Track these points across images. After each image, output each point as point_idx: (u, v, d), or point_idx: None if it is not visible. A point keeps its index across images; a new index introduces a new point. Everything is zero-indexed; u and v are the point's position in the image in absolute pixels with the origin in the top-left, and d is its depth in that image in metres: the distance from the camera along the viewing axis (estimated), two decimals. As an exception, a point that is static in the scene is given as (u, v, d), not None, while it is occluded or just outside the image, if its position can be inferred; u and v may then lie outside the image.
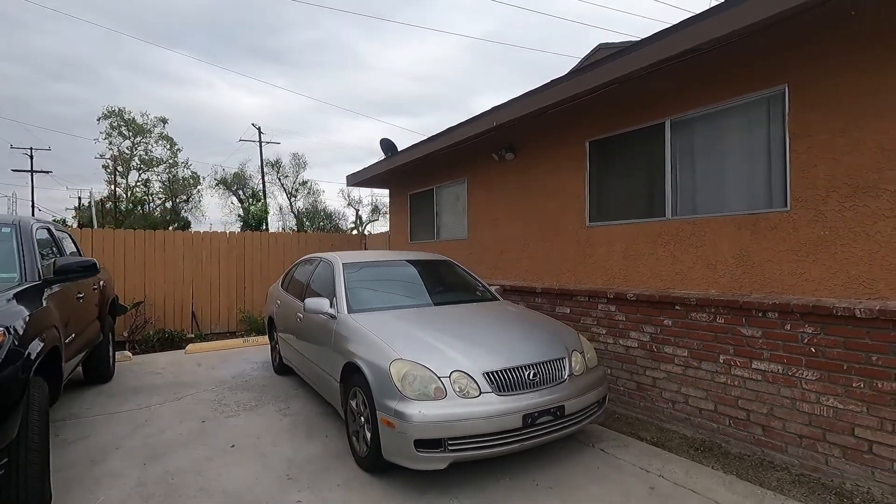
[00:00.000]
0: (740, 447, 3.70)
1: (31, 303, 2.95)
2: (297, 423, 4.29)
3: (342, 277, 4.38)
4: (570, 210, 5.41)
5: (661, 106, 4.42)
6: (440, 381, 3.01)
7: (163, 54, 55.24)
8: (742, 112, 3.89)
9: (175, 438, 3.97)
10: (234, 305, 9.19)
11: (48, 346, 2.89)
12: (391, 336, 3.44)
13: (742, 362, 3.70)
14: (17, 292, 2.87)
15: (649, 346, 4.38)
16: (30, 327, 2.72)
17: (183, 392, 5.25)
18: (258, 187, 40.33)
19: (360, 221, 45.52)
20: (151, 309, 8.37)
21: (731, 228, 3.93)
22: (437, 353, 3.21)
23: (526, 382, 3.18)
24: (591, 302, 4.96)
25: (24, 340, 2.57)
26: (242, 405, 4.77)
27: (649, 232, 4.56)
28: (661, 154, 4.46)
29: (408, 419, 2.89)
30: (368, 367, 3.25)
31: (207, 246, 9.00)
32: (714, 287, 4.04)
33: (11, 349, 2.43)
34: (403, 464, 2.98)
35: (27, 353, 2.57)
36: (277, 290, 6.03)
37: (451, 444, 2.92)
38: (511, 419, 3.01)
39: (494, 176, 6.58)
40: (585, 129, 5.21)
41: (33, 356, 2.63)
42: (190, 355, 7.18)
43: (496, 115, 5.48)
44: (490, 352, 3.30)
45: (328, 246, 10.25)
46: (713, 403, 3.89)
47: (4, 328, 2.46)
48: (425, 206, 8.32)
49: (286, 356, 5.50)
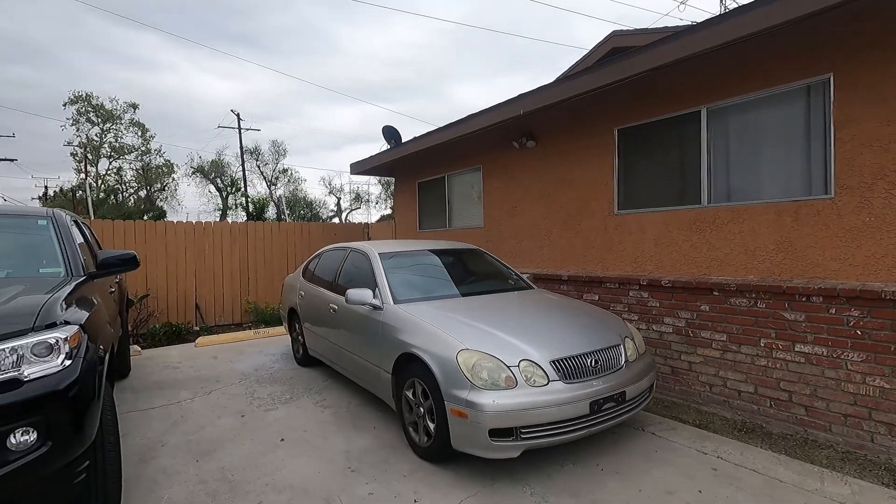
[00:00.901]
0: (782, 427, 3.83)
1: (86, 299, 2.83)
2: (339, 414, 4.25)
3: (381, 268, 4.33)
4: (597, 198, 5.45)
5: (698, 94, 4.46)
6: (510, 370, 3.02)
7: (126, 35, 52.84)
8: (783, 100, 3.95)
9: (218, 434, 3.89)
10: (239, 297, 9.00)
11: (109, 343, 2.78)
12: (448, 326, 3.42)
13: (784, 345, 3.81)
14: (72, 289, 2.73)
15: (685, 331, 4.47)
16: (96, 326, 2.61)
17: (209, 386, 5.14)
18: (237, 175, 39.41)
19: (340, 210, 45.05)
20: (154, 302, 8.13)
21: (771, 215, 4.01)
22: (501, 342, 3.21)
23: (589, 369, 3.21)
24: (622, 289, 5.03)
25: (94, 339, 2.46)
26: (277, 398, 4.70)
27: (683, 219, 4.63)
28: (696, 142, 4.51)
29: (481, 409, 2.89)
30: (431, 357, 3.23)
31: (210, 236, 8.76)
32: (753, 273, 4.14)
33: (88, 348, 2.33)
34: (475, 453, 2.99)
35: (99, 351, 2.46)
36: (299, 281, 5.92)
37: (523, 433, 2.94)
38: (580, 406, 3.05)
39: (513, 164, 6.56)
40: (613, 117, 5.23)
41: (104, 355, 2.53)
42: (201, 348, 7.02)
43: (524, 102, 5.45)
44: (551, 340, 3.31)
45: (332, 236, 10.11)
46: (753, 386, 4.01)
47: (80, 327, 2.35)
48: (436, 194, 8.25)
49: (313, 347, 5.42)
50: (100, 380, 2.39)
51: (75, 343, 2.26)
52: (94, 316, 2.67)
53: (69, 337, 2.23)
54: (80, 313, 2.49)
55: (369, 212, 45.36)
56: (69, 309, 2.46)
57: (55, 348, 2.15)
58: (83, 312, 2.54)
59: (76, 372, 2.19)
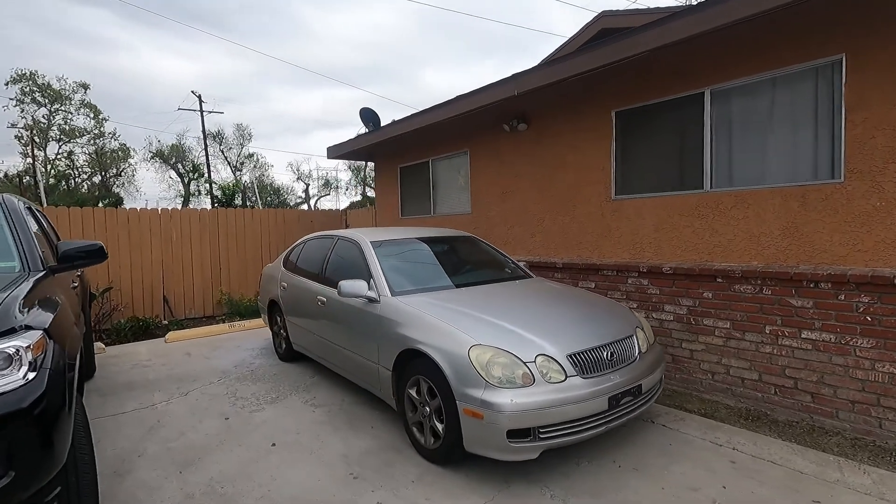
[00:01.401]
0: (787, 414, 3.80)
1: (49, 299, 2.46)
2: (332, 414, 3.99)
3: (375, 257, 4.05)
4: (593, 182, 5.29)
5: (701, 75, 4.32)
6: (526, 366, 2.83)
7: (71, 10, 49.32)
8: (793, 82, 3.85)
9: (202, 440, 3.57)
10: (210, 288, 8.52)
11: (77, 347, 2.43)
12: (455, 320, 3.19)
13: (790, 332, 3.76)
14: (31, 286, 2.36)
15: (686, 318, 4.39)
16: (62, 328, 2.26)
17: (185, 386, 4.77)
18: (199, 160, 37.81)
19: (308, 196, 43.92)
20: (118, 295, 7.58)
21: (777, 200, 3.93)
22: (514, 336, 3.01)
23: (605, 363, 3.06)
24: (620, 276, 4.91)
25: (61, 344, 2.12)
26: (262, 398, 4.38)
27: (685, 204, 4.52)
28: (698, 125, 4.39)
29: (499, 409, 2.70)
30: (440, 354, 3.00)
31: (177, 224, 8.22)
32: (757, 259, 4.07)
33: (55, 356, 1.99)
34: (491, 455, 2.80)
35: (67, 358, 2.12)
36: (280, 271, 5.56)
37: (542, 433, 2.76)
38: (599, 402, 2.89)
39: (503, 147, 6.34)
40: (611, 98, 5.06)
41: (73, 361, 2.19)
42: (172, 344, 6.58)
43: (519, 82, 5.21)
44: (565, 333, 3.14)
45: (308, 223, 9.69)
46: (757, 373, 3.96)
47: (44, 332, 2.00)
48: (419, 180, 7.96)
49: (298, 342, 5.11)
50: (70, 391, 2.05)
51: (39, 351, 1.92)
52: (59, 317, 2.31)
53: (32, 345, 1.89)
54: (43, 315, 2.14)
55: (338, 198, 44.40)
56: (30, 311, 2.10)
57: (15, 359, 1.81)
58: (47, 314, 2.18)
59: (42, 385, 1.86)
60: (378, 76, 64.23)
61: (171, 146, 37.12)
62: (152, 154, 36.87)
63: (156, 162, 37.52)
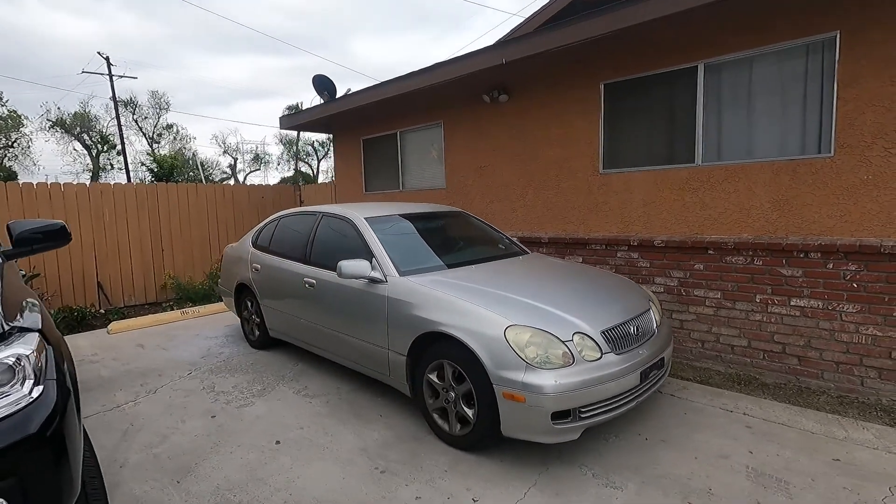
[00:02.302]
0: (775, 377, 4.02)
1: (22, 289, 1.99)
2: (332, 404, 3.71)
3: (374, 236, 3.75)
4: (580, 156, 5.25)
5: (695, 48, 4.34)
6: (565, 345, 2.72)
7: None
8: (786, 57, 3.95)
9: (191, 443, 3.18)
10: (152, 272, 7.70)
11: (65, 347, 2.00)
12: (479, 299, 3.02)
13: (780, 300, 3.96)
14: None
15: (677, 290, 4.51)
16: (50, 326, 1.83)
17: (151, 382, 4.25)
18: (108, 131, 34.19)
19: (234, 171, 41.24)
20: (43, 282, 6.64)
21: (767, 174, 4.07)
22: (547, 314, 2.89)
23: (632, 337, 3.03)
24: (609, 250, 4.95)
25: (56, 346, 1.71)
26: (247, 390, 4.00)
27: (676, 178, 4.59)
28: (691, 99, 4.43)
29: (543, 391, 2.58)
30: (470, 336, 2.83)
31: (110, 201, 7.28)
32: (747, 231, 4.22)
33: (57, 362, 1.60)
34: (534, 439, 2.69)
35: (66, 368, 1.72)
36: (248, 252, 5.07)
37: (582, 412, 2.69)
38: (633, 378, 2.86)
39: (482, 119, 6.13)
40: (600, 70, 4.98)
41: (73, 367, 1.78)
42: (118, 336, 5.88)
43: (507, 50, 4.99)
44: (594, 309, 3.07)
45: (259, 199, 9.00)
46: (746, 340, 4.15)
47: (39, 332, 1.59)
48: (385, 153, 7.57)
49: (276, 328, 4.71)
50: (78, 403, 1.67)
51: (40, 358, 1.53)
52: (44, 313, 1.87)
53: (32, 351, 1.49)
54: (31, 313, 1.71)
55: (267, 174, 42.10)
56: (14, 309, 1.67)
57: (18, 371, 1.42)
58: (34, 312, 1.75)
59: (51, 399, 1.48)
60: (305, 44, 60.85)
61: (73, 114, 33.11)
62: (51, 123, 32.72)
63: (56, 132, 33.38)
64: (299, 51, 61.70)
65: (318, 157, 40.20)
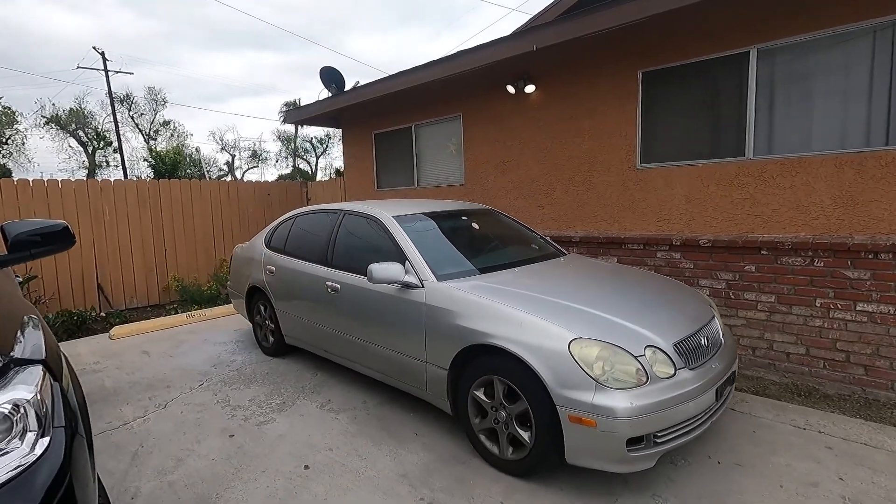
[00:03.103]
0: (837, 388, 3.72)
1: (20, 302, 1.66)
2: (360, 421, 3.38)
3: (405, 236, 3.42)
4: (614, 150, 4.92)
5: (747, 32, 4.01)
6: (638, 361, 2.41)
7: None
8: (851, 40, 3.63)
9: (209, 468, 2.85)
10: (154, 273, 7.35)
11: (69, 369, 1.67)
12: (532, 308, 2.69)
13: (844, 305, 3.65)
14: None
15: (725, 293, 4.20)
16: (55, 351, 1.49)
17: (160, 395, 3.92)
18: (104, 127, 33.66)
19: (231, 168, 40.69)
20: (40, 284, 6.28)
21: (829, 168, 3.76)
22: (612, 325, 2.57)
23: (703, 350, 2.72)
24: (648, 250, 4.63)
25: (59, 377, 1.38)
26: (265, 404, 3.67)
27: (723, 173, 4.27)
28: (741, 87, 4.11)
29: (617, 414, 2.26)
30: (527, 350, 2.50)
31: (111, 198, 6.92)
32: (804, 230, 3.91)
33: (64, 397, 1.27)
34: (605, 468, 2.37)
35: (74, 396, 1.39)
36: (261, 252, 4.73)
37: (657, 437, 2.38)
38: (709, 396, 2.55)
39: (505, 111, 5.80)
40: (638, 57, 4.66)
41: (83, 399, 1.45)
42: (121, 341, 5.54)
43: (538, 36, 4.66)
44: (659, 319, 2.75)
45: (265, 197, 8.64)
46: (804, 347, 3.85)
47: (42, 363, 1.26)
48: (399, 148, 7.23)
49: (294, 334, 4.38)
50: (91, 447, 1.34)
51: (47, 398, 1.19)
52: (46, 333, 1.54)
53: (36, 392, 1.16)
54: (33, 337, 1.38)
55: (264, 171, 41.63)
56: (10, 330, 1.34)
57: (16, 421, 1.09)
58: (35, 333, 1.42)
59: (60, 454, 1.15)
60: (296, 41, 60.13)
61: (69, 111, 32.56)
62: (46, 119, 32.17)
63: (51, 129, 32.82)
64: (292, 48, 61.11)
65: (317, 153, 39.78)
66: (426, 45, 63.15)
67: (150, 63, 51.46)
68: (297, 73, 58.22)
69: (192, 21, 59.22)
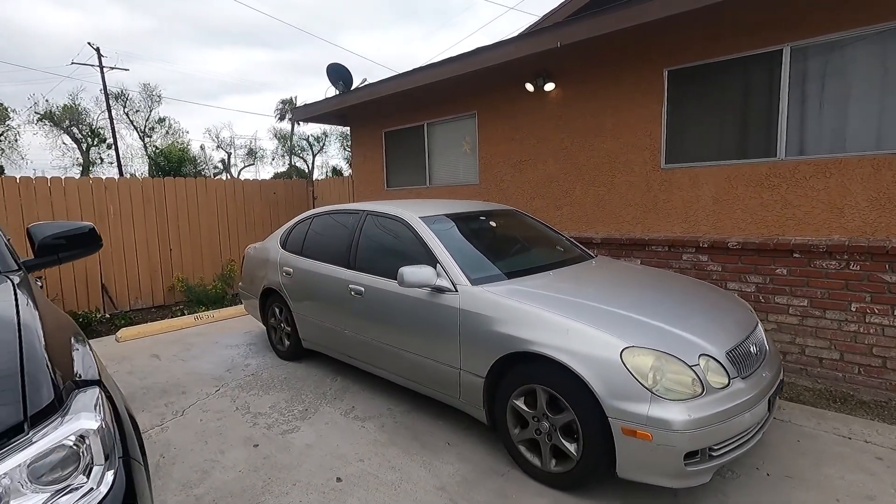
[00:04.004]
0: (873, 394, 3.64)
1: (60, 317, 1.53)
2: (388, 429, 3.27)
3: (435, 238, 3.31)
4: (637, 149, 4.83)
5: (780, 29, 3.92)
6: (693, 370, 2.30)
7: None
8: (887, 40, 3.55)
9: (236, 481, 2.73)
10: (159, 273, 7.19)
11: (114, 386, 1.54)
12: (578, 314, 2.58)
13: (881, 309, 3.57)
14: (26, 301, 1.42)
15: (755, 297, 4.11)
16: (102, 368, 1.37)
17: (176, 402, 3.79)
18: (98, 124, 33.29)
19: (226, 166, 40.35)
20: (44, 285, 6.11)
21: (866, 169, 3.68)
22: (664, 333, 2.47)
23: (753, 358, 2.62)
24: (673, 252, 4.54)
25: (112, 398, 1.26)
26: (287, 411, 3.55)
27: (752, 174, 4.18)
28: (773, 86, 4.02)
29: (674, 427, 2.16)
30: (575, 358, 2.40)
31: (114, 197, 6.76)
32: (838, 232, 3.83)
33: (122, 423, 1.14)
34: (659, 483, 2.27)
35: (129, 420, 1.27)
36: (277, 253, 4.60)
37: (713, 450, 2.28)
38: (763, 407, 2.46)
39: (522, 109, 5.69)
40: (663, 55, 4.56)
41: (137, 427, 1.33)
42: (128, 343, 5.39)
43: (561, 32, 4.55)
44: (708, 326, 2.65)
45: (271, 195, 8.49)
46: (839, 353, 3.77)
47: (98, 385, 1.14)
48: (411, 146, 7.10)
49: (312, 339, 4.26)
50: (149, 476, 1.22)
51: (107, 428, 1.07)
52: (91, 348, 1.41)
53: (101, 420, 1.04)
54: (83, 356, 1.25)
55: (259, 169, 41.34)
56: (63, 352, 1.21)
57: (82, 455, 0.97)
58: (83, 349, 1.29)
59: (123, 490, 1.03)
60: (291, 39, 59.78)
61: (63, 107, 32.14)
62: (40, 116, 31.74)
63: (45, 125, 32.39)
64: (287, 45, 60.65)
65: (314, 151, 39.50)
66: (422, 45, 62.91)
67: (145, 59, 50.94)
68: (292, 70, 57.86)
69: (187, 17, 58.70)
